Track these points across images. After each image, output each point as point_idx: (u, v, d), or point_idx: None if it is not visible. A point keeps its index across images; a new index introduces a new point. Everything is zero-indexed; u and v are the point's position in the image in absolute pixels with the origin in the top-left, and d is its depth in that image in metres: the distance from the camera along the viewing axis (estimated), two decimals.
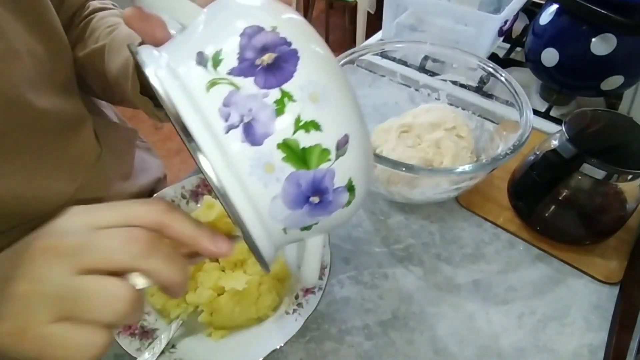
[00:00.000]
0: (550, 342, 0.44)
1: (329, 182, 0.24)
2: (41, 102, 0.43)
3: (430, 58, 0.67)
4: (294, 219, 0.24)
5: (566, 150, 0.45)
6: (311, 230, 0.26)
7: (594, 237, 0.51)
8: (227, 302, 0.43)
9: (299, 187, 0.23)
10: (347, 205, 0.25)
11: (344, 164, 0.24)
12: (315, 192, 0.23)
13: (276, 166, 0.22)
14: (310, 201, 0.24)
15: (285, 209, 0.23)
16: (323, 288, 0.43)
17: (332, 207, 0.25)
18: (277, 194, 0.23)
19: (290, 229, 0.25)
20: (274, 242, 0.25)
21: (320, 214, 0.25)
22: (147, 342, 0.40)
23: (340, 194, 0.24)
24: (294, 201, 0.23)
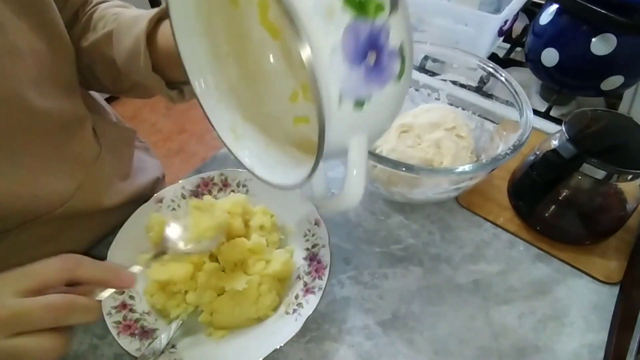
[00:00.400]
0: (550, 342, 0.44)
1: (385, 39, 0.25)
2: (42, 101, 0.43)
3: (430, 58, 0.67)
4: (351, 81, 0.24)
5: (566, 150, 0.45)
6: (362, 110, 0.26)
7: (594, 237, 0.51)
8: (227, 302, 0.43)
9: (357, 39, 0.24)
10: (399, 79, 0.26)
11: (396, 23, 0.25)
12: (372, 48, 0.24)
13: (336, 11, 0.23)
14: (367, 60, 0.24)
15: (344, 64, 0.24)
16: (323, 288, 0.43)
17: (387, 75, 0.26)
18: (337, 43, 0.23)
19: (345, 100, 0.25)
20: (330, 112, 0.25)
21: (375, 80, 0.25)
22: (147, 342, 0.40)
23: (394, 57, 0.26)
24: (352, 55, 0.24)
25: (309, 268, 0.46)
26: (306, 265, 0.46)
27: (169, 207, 0.52)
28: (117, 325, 0.41)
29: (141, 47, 0.42)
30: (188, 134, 1.88)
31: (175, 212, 0.52)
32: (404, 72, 0.26)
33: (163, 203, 0.52)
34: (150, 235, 0.47)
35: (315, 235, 0.48)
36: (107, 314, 0.42)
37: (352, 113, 0.26)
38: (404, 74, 0.27)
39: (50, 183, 0.46)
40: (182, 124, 1.92)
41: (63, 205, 0.47)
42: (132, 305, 0.43)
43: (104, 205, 0.52)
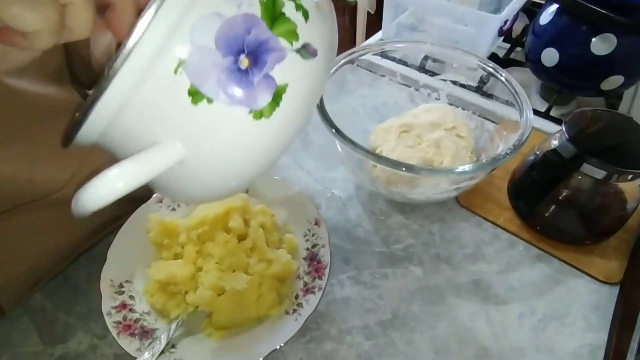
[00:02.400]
0: (550, 342, 0.44)
1: (272, 60, 0.21)
2: (34, 88, 0.43)
3: (430, 58, 0.67)
4: (204, 61, 0.20)
5: (566, 150, 0.45)
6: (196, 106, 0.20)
7: (594, 237, 0.51)
8: (227, 302, 0.43)
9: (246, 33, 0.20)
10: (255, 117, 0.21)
11: (296, 65, 0.22)
12: (251, 53, 0.20)
13: None
14: (239, 59, 0.20)
15: (213, 38, 0.20)
16: (323, 288, 0.43)
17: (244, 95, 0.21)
18: (225, 15, 0.20)
19: (182, 74, 0.20)
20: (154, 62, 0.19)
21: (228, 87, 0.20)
22: (147, 342, 0.40)
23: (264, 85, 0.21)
24: (228, 39, 0.20)
25: (309, 268, 0.46)
26: (306, 265, 0.46)
27: (169, 207, 0.52)
28: (117, 325, 0.41)
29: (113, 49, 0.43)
30: None
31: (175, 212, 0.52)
32: (266, 116, 0.21)
33: (163, 203, 0.52)
34: (150, 235, 0.47)
35: (315, 235, 0.48)
36: (107, 314, 0.42)
37: (181, 97, 0.20)
38: (267, 119, 0.21)
39: (46, 169, 0.46)
40: None
41: (59, 191, 0.47)
42: (132, 305, 0.43)
43: None
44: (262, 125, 0.21)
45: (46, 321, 0.46)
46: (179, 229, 0.47)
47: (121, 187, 0.21)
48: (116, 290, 0.44)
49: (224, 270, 0.45)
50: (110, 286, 0.44)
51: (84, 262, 0.51)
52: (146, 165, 0.21)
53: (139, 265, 0.47)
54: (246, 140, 0.22)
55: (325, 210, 0.56)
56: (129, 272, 0.46)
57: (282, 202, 0.51)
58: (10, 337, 0.45)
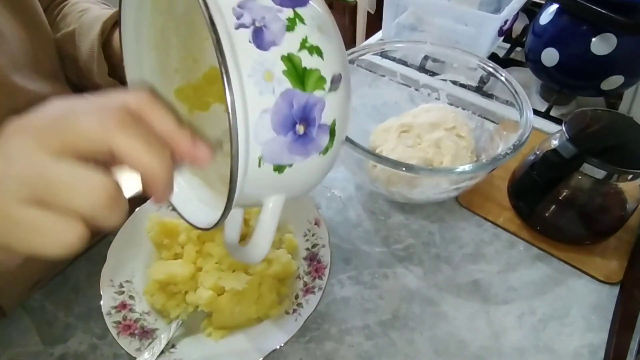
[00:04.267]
0: (550, 342, 0.44)
1: (318, 113, 0.25)
2: (31, 85, 0.43)
3: (430, 58, 0.67)
4: (274, 147, 0.24)
5: (566, 150, 0.45)
6: (282, 174, 0.25)
7: (594, 237, 0.51)
8: (227, 302, 0.43)
9: (290, 108, 0.23)
10: (324, 153, 0.26)
11: (333, 101, 0.25)
12: (303, 119, 0.24)
13: (275, 77, 0.23)
14: (296, 130, 0.24)
15: (271, 129, 0.23)
16: (323, 288, 0.43)
17: (312, 148, 0.25)
18: (269, 107, 0.23)
19: (265, 162, 0.24)
20: (246, 170, 0.24)
21: (299, 151, 0.25)
22: (147, 342, 0.40)
23: (323, 133, 0.25)
24: (281, 122, 0.23)
25: (309, 268, 0.46)
26: (306, 265, 0.46)
27: (169, 207, 0.52)
28: (117, 325, 0.41)
29: (95, 52, 0.43)
30: None
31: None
32: (330, 148, 0.26)
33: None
34: (150, 235, 0.47)
35: (315, 235, 0.48)
36: (107, 314, 0.42)
37: (271, 175, 0.25)
38: (331, 149, 0.27)
39: None
40: None
41: None
42: (132, 305, 0.43)
43: None
44: (329, 153, 0.27)
45: (46, 321, 0.46)
46: (179, 229, 0.47)
47: (271, 237, 0.29)
48: (116, 290, 0.44)
49: (224, 270, 0.45)
50: (110, 286, 0.44)
51: (84, 262, 0.51)
52: (273, 219, 0.28)
53: (139, 265, 0.47)
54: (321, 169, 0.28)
55: (325, 210, 0.56)
56: (129, 272, 0.46)
57: None
58: (10, 337, 0.45)
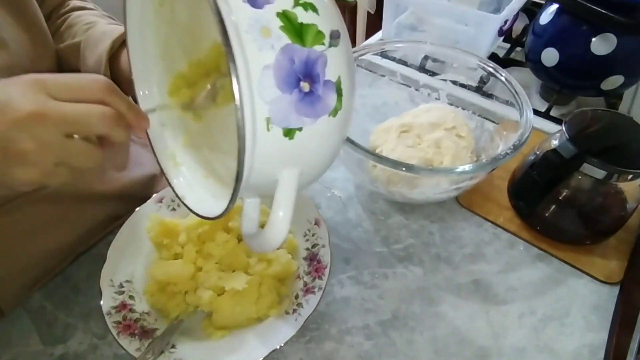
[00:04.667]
0: (550, 342, 0.44)
1: (321, 68, 0.24)
2: None
3: (430, 58, 0.67)
4: (281, 106, 0.24)
5: (566, 150, 0.45)
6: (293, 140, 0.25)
7: (594, 237, 0.51)
8: (227, 302, 0.43)
9: (291, 63, 0.23)
10: (333, 115, 0.26)
11: (335, 56, 0.25)
12: (306, 76, 0.24)
13: (273, 32, 0.23)
14: (301, 87, 0.24)
15: (275, 86, 0.23)
16: (323, 288, 0.43)
17: (320, 108, 0.25)
18: (270, 63, 0.23)
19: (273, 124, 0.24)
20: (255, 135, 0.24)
21: (307, 112, 0.24)
22: (147, 342, 0.40)
23: (329, 90, 0.25)
24: (285, 79, 0.23)
25: (309, 268, 0.46)
26: (306, 265, 0.46)
27: (169, 207, 0.52)
28: (117, 325, 0.41)
29: (101, 67, 0.44)
30: None
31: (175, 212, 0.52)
32: (340, 109, 0.26)
33: (163, 203, 0.52)
34: (150, 235, 0.47)
35: (315, 235, 0.48)
36: (107, 314, 0.42)
37: (281, 141, 0.25)
38: (340, 110, 0.26)
39: None
40: None
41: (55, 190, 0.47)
42: (132, 305, 0.43)
43: (97, 190, 0.52)
44: (339, 116, 0.26)
45: (46, 321, 0.46)
46: (179, 229, 0.47)
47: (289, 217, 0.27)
48: (116, 290, 0.44)
49: (224, 270, 0.45)
50: (110, 286, 0.44)
51: (84, 262, 0.51)
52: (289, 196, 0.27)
53: (139, 265, 0.47)
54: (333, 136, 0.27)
55: (325, 210, 0.56)
56: (129, 272, 0.46)
57: None
58: (10, 337, 0.45)
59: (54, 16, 0.51)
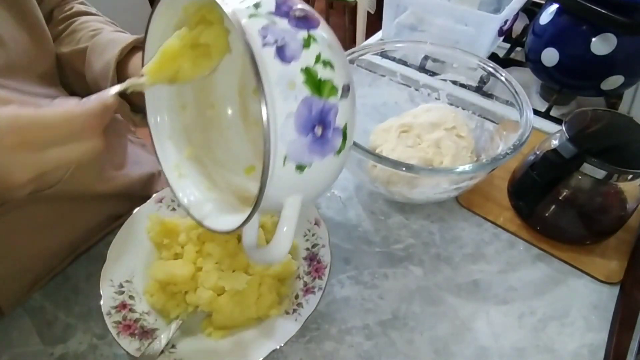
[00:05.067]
0: (550, 342, 0.44)
1: (333, 117, 0.29)
2: (26, 88, 0.43)
3: (430, 58, 0.67)
4: (297, 146, 0.28)
5: (566, 150, 0.45)
6: (302, 174, 0.29)
7: (594, 237, 0.51)
8: (227, 302, 0.43)
9: (309, 112, 0.28)
10: (337, 154, 0.30)
11: (344, 107, 0.29)
12: (320, 122, 0.28)
13: (297, 86, 0.27)
14: (315, 132, 0.28)
15: (294, 130, 0.27)
16: (323, 288, 0.43)
17: (328, 148, 0.29)
18: (292, 112, 0.27)
19: (289, 161, 0.28)
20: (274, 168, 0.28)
21: (317, 151, 0.29)
22: (147, 342, 0.40)
23: (337, 134, 0.30)
24: (303, 124, 0.28)
25: (309, 268, 0.46)
26: (306, 265, 0.46)
27: (169, 207, 0.52)
28: (117, 325, 0.41)
29: (109, 73, 0.44)
30: None
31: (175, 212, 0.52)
32: (343, 149, 0.30)
33: (163, 203, 0.52)
34: (150, 235, 0.47)
35: (315, 235, 0.48)
36: (107, 314, 0.42)
37: (293, 174, 0.29)
38: (343, 150, 0.30)
39: None
40: None
41: (52, 187, 0.47)
42: (132, 305, 0.43)
43: (96, 190, 0.52)
44: (342, 154, 0.31)
45: (46, 321, 0.46)
46: (179, 228, 0.47)
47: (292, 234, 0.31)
48: (116, 290, 0.44)
49: (224, 270, 0.45)
50: (110, 286, 0.44)
51: (84, 262, 0.51)
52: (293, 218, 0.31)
53: (139, 265, 0.47)
54: (334, 170, 0.32)
55: (325, 210, 0.56)
56: (129, 272, 0.46)
57: None
58: (10, 337, 0.45)
59: (55, 18, 0.51)
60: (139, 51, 0.45)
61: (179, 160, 0.38)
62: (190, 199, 0.37)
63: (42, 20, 0.47)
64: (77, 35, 0.49)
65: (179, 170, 0.38)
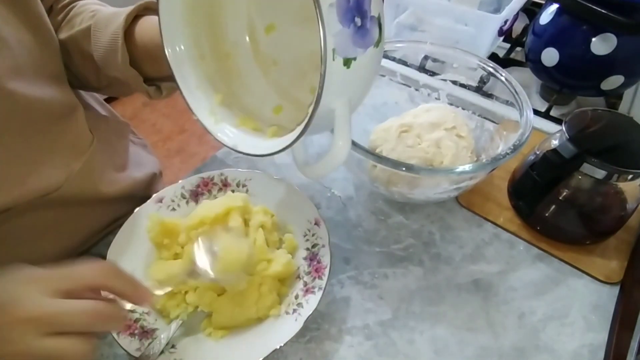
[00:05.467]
0: (550, 342, 0.44)
1: (368, 6, 0.29)
2: (31, 90, 0.43)
3: (430, 58, 0.67)
4: (342, 38, 0.28)
5: (566, 150, 0.45)
6: (350, 69, 0.29)
7: (594, 237, 0.51)
8: (227, 302, 0.43)
9: (348, 2, 0.28)
10: (377, 46, 0.31)
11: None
12: (358, 12, 0.29)
13: None
14: (355, 21, 0.29)
15: (337, 21, 0.28)
16: (323, 288, 0.43)
17: (368, 39, 0.30)
18: (333, 2, 0.27)
19: (337, 54, 0.28)
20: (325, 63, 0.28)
21: (360, 43, 0.29)
22: (147, 342, 0.40)
23: (374, 24, 0.30)
24: (344, 14, 0.28)
25: (309, 268, 0.46)
26: (306, 265, 0.46)
27: (169, 207, 0.52)
28: None
29: (118, 43, 0.44)
30: (188, 134, 1.88)
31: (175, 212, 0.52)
32: (381, 40, 0.31)
33: (163, 203, 0.52)
34: (150, 235, 0.47)
35: (315, 235, 0.48)
36: None
37: (341, 70, 0.29)
38: (381, 41, 0.31)
39: (43, 170, 0.45)
40: (182, 124, 1.91)
41: (55, 191, 0.47)
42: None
43: (99, 192, 0.52)
44: (380, 46, 0.31)
45: None
46: (179, 228, 0.47)
47: (349, 133, 0.32)
48: None
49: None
50: None
51: None
52: (346, 116, 0.32)
53: (139, 265, 0.47)
54: (375, 61, 0.32)
55: (325, 210, 0.56)
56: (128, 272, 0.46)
57: (282, 202, 0.51)
58: None
59: (55, 9, 0.51)
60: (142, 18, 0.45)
61: (212, 107, 0.39)
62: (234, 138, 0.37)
63: (47, 21, 0.46)
64: (78, 19, 0.49)
65: (214, 116, 0.38)
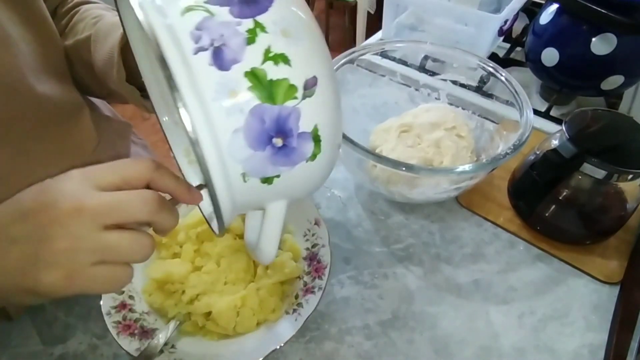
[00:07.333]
0: (550, 342, 0.44)
1: (294, 123, 0.23)
2: (41, 87, 0.43)
3: (430, 58, 0.67)
4: (255, 162, 0.24)
5: (566, 150, 0.45)
6: (273, 184, 0.25)
7: (594, 237, 0.51)
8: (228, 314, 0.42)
9: (262, 123, 0.23)
10: (312, 160, 0.25)
11: (310, 107, 0.24)
12: (279, 132, 0.23)
13: (241, 95, 0.22)
14: (274, 143, 0.23)
15: (247, 147, 0.23)
16: (323, 288, 0.43)
17: (296, 157, 0.24)
18: (240, 126, 0.22)
19: (250, 176, 0.24)
20: (231, 187, 0.24)
21: (283, 162, 0.24)
22: (146, 342, 0.40)
23: (305, 141, 0.24)
24: (256, 139, 0.23)
25: (309, 268, 0.46)
26: (306, 265, 0.46)
27: None
28: (117, 325, 0.41)
29: (114, 58, 0.43)
30: None
31: None
32: (319, 153, 0.26)
33: None
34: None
35: (315, 235, 0.48)
36: (106, 314, 0.42)
37: (261, 186, 0.25)
38: (320, 154, 0.26)
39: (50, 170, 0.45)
40: None
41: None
42: (131, 305, 0.43)
43: None
44: (319, 158, 0.26)
45: (46, 321, 0.46)
46: (178, 227, 0.47)
47: (276, 239, 0.30)
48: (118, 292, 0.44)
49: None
50: None
51: None
52: (276, 224, 0.29)
53: (139, 265, 0.46)
54: (317, 173, 0.27)
55: (325, 210, 0.56)
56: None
57: None
58: (10, 337, 0.45)
59: (59, 13, 0.51)
60: None
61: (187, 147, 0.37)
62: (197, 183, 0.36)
63: (50, 20, 0.46)
64: (80, 26, 0.49)
65: (188, 156, 0.38)
